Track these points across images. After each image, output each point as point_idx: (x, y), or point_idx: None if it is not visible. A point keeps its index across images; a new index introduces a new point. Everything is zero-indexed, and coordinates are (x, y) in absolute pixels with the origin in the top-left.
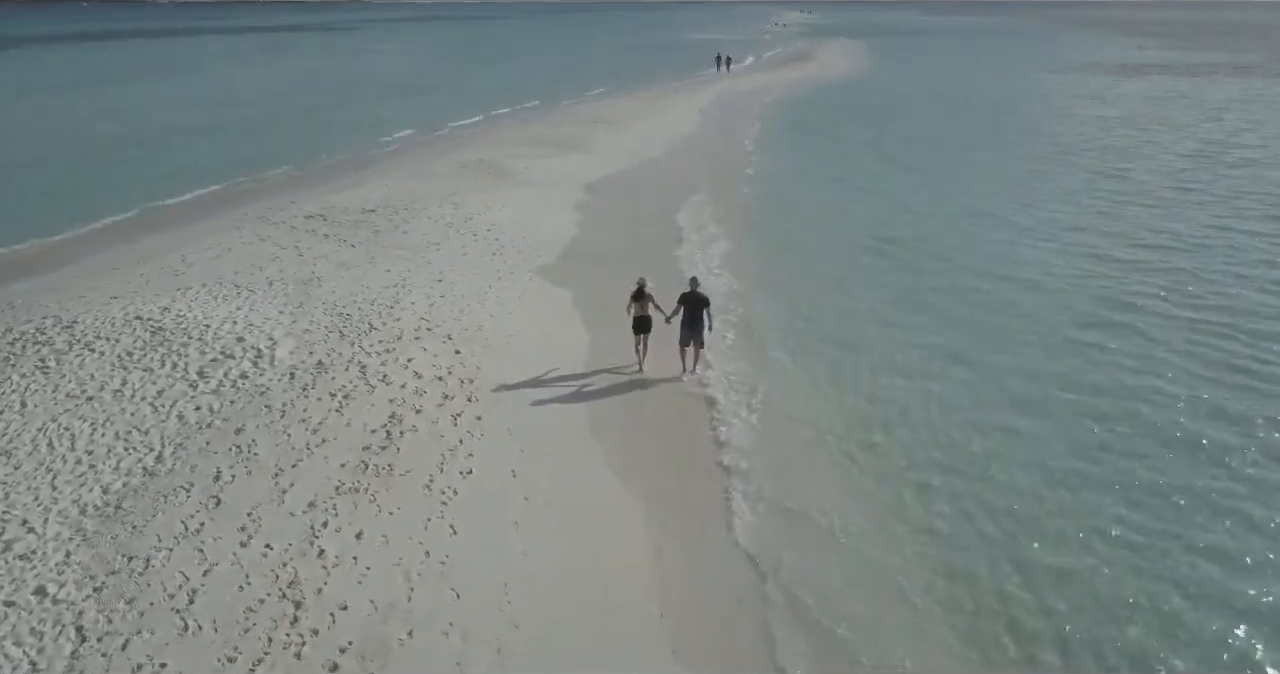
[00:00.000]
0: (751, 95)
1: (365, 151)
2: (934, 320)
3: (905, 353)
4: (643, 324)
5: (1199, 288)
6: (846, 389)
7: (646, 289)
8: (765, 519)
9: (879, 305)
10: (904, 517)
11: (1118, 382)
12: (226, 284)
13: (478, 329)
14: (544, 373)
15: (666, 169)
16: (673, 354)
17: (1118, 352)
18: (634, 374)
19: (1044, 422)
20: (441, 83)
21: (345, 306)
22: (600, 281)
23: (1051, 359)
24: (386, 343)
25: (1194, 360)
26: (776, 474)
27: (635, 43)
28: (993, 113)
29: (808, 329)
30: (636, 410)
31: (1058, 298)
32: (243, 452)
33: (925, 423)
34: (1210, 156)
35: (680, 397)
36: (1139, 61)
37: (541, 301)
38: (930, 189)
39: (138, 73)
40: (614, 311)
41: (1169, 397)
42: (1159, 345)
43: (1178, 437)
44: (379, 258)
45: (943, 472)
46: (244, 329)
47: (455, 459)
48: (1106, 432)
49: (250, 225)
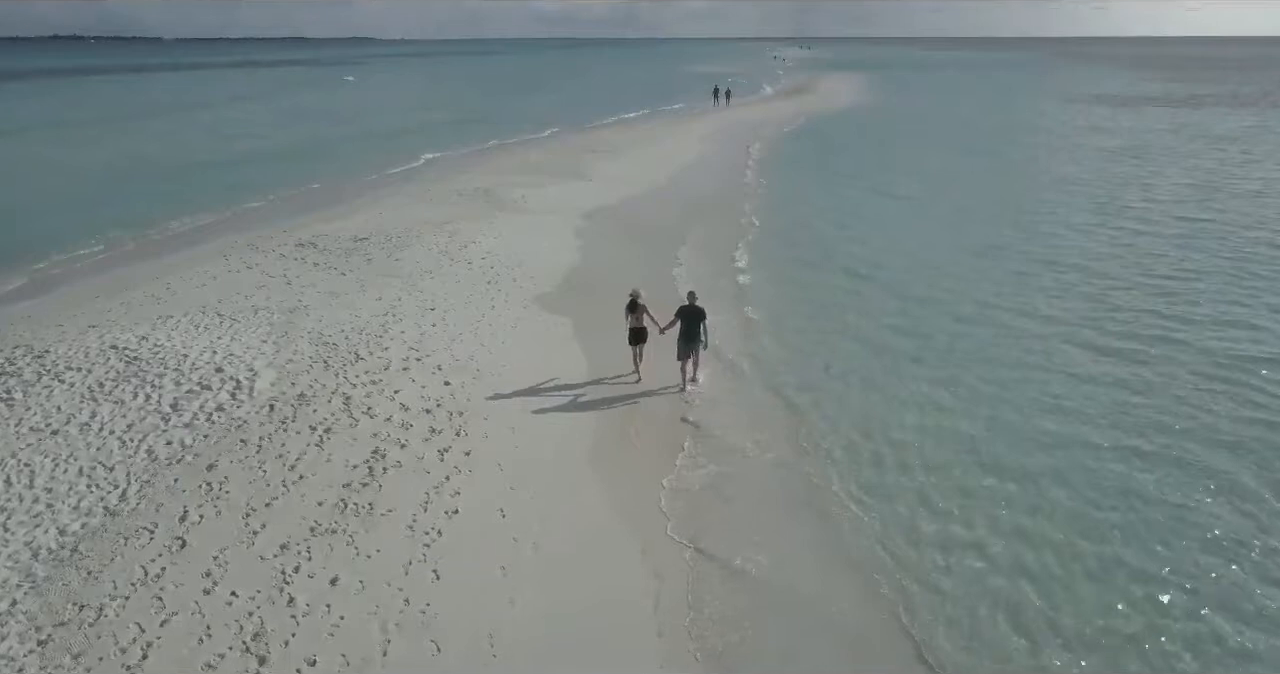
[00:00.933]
0: (752, 126)
1: (360, 180)
2: (934, 354)
3: (909, 387)
4: (638, 335)
5: (1204, 319)
6: (844, 422)
7: (640, 300)
8: (771, 571)
9: (880, 336)
10: (906, 558)
11: (1120, 415)
12: (209, 313)
13: (469, 359)
14: (538, 403)
15: (665, 199)
16: (669, 363)
17: (1117, 384)
18: (632, 384)
19: (1044, 457)
20: (440, 114)
21: (332, 336)
22: (597, 309)
23: (1048, 389)
24: (373, 374)
25: (1200, 393)
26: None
27: (635, 76)
28: (994, 143)
29: (810, 363)
30: (635, 435)
31: (1061, 330)
32: (213, 489)
33: (928, 462)
34: (1218, 187)
35: (678, 419)
36: (1140, 93)
37: (537, 330)
38: (932, 220)
39: (140, 106)
40: (612, 337)
41: (1174, 432)
42: (1162, 379)
43: (1189, 481)
44: (369, 286)
45: (939, 512)
46: (224, 359)
47: (440, 497)
48: (1105, 465)
49: (238, 253)
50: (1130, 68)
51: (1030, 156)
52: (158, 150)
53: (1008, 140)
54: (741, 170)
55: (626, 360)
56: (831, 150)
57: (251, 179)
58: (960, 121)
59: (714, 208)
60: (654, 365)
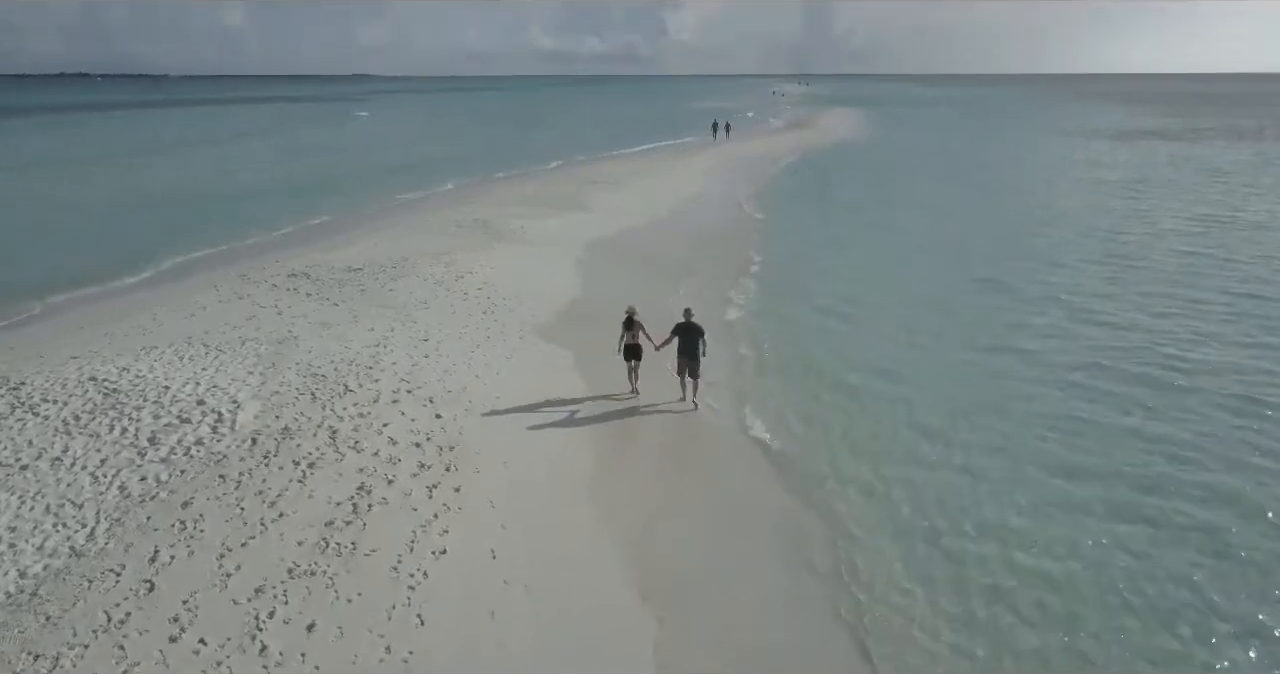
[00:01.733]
0: (752, 160)
1: (358, 211)
2: (931, 391)
3: (904, 427)
4: (633, 351)
5: (1211, 357)
6: (839, 459)
7: (636, 317)
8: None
9: (876, 371)
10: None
11: (1122, 459)
12: (195, 344)
13: (462, 391)
14: (532, 435)
15: (666, 232)
16: (665, 380)
17: (1120, 427)
18: (629, 404)
19: (1045, 507)
20: (443, 148)
21: (321, 367)
22: (595, 340)
23: (1049, 430)
24: (362, 406)
25: (1197, 433)
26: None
27: (635, 111)
28: (993, 177)
29: (805, 399)
30: (634, 463)
31: (1062, 367)
32: (187, 528)
33: (921, 509)
34: (1222, 220)
35: (676, 444)
36: (1137, 128)
37: (533, 361)
38: (930, 254)
39: (147, 142)
40: (611, 364)
41: (1177, 480)
42: (1162, 421)
43: (1192, 519)
44: (362, 317)
45: (932, 536)
46: (206, 391)
47: (428, 537)
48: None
49: (229, 284)
50: (1125, 103)
51: (1029, 190)
52: (161, 185)
53: (1006, 174)
54: (741, 204)
55: (623, 380)
56: (830, 184)
57: (253, 213)
58: (958, 155)
59: (713, 241)
60: (649, 383)
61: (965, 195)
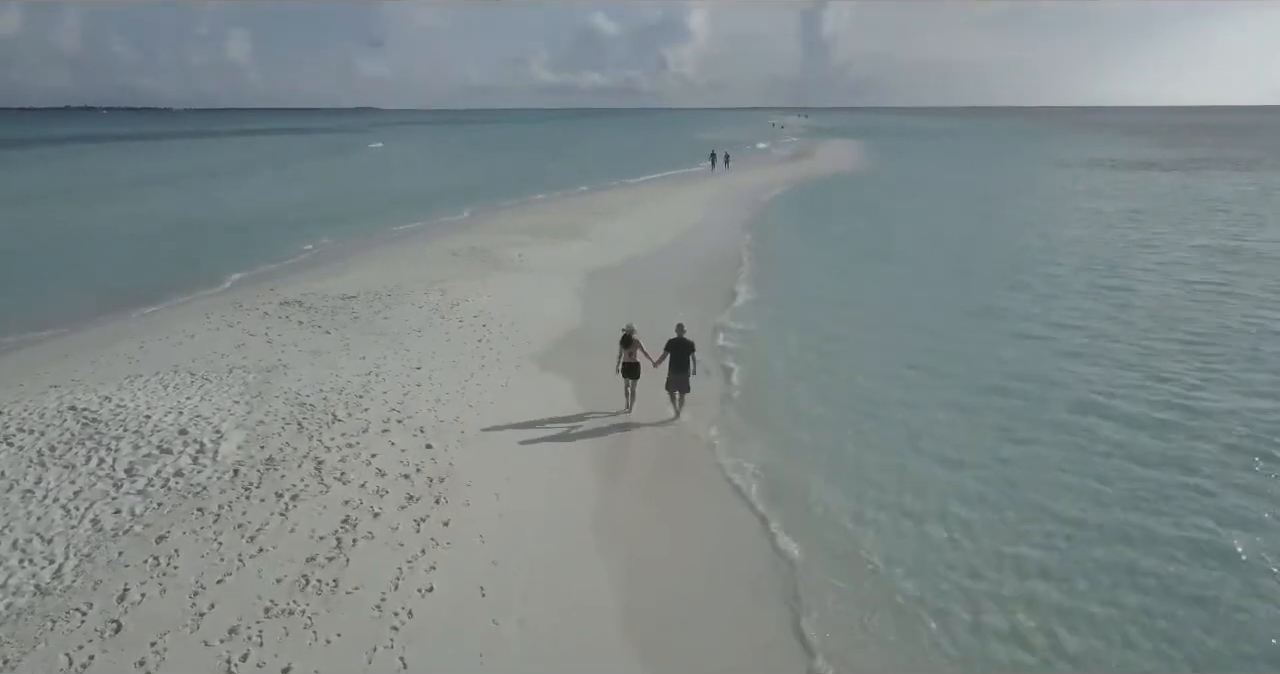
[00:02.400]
0: (753, 190)
1: (357, 240)
2: (929, 420)
3: (902, 456)
4: (631, 370)
5: (1219, 389)
6: (835, 497)
7: (634, 335)
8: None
9: (873, 404)
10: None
11: (1125, 495)
12: (181, 372)
13: (454, 420)
14: (525, 466)
15: (664, 261)
16: (658, 397)
17: (1127, 457)
18: (622, 421)
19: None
20: (449, 177)
21: (309, 396)
22: (589, 368)
23: (1051, 464)
24: (350, 436)
25: (1197, 469)
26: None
27: (636, 143)
28: (993, 206)
29: (804, 427)
30: (629, 495)
31: (1066, 400)
32: (160, 564)
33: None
34: (1225, 249)
35: (671, 469)
36: (1136, 158)
37: (528, 390)
38: (930, 284)
39: (149, 175)
40: (608, 390)
41: (1175, 515)
42: (1178, 457)
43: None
44: (354, 344)
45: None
46: (189, 421)
47: (414, 573)
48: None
49: (220, 312)
50: (1122, 134)
51: (1028, 220)
52: (163, 216)
53: (1005, 204)
54: (741, 233)
55: (619, 397)
56: (829, 214)
57: (256, 242)
58: (957, 185)
59: (712, 270)
60: (641, 401)
61: (964, 224)
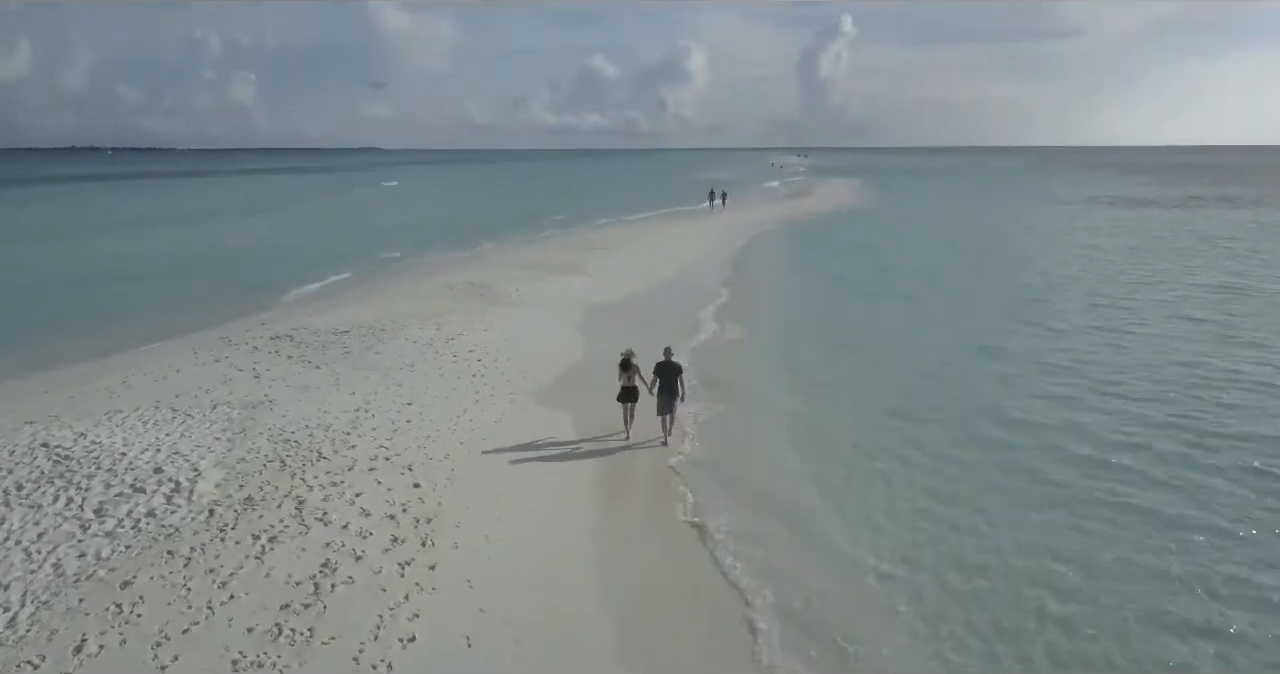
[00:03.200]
0: (752, 228)
1: (351, 275)
2: (918, 463)
3: (904, 501)
4: (629, 394)
5: (1231, 432)
6: (835, 537)
7: (633, 361)
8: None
9: (874, 445)
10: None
11: (1123, 537)
12: (163, 407)
13: (444, 458)
14: (517, 507)
15: (662, 298)
16: (651, 421)
17: (1131, 507)
18: (620, 448)
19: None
20: (438, 214)
21: (295, 433)
22: (583, 403)
23: (1038, 506)
24: (334, 474)
25: (1198, 515)
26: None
27: (635, 182)
28: (994, 244)
29: (800, 465)
30: (626, 537)
31: (1065, 450)
32: (123, 612)
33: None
34: (1230, 287)
35: (674, 497)
36: (1135, 196)
37: (523, 426)
38: (929, 321)
39: (154, 213)
40: (602, 415)
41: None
42: (1193, 507)
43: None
44: (344, 380)
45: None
46: (166, 458)
47: (395, 621)
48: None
49: (208, 347)
50: (1118, 173)
51: (1030, 257)
52: (166, 254)
53: (1007, 241)
54: (740, 270)
55: (617, 422)
56: (829, 251)
57: (252, 278)
58: (957, 223)
59: (709, 308)
60: (643, 427)
61: (964, 261)
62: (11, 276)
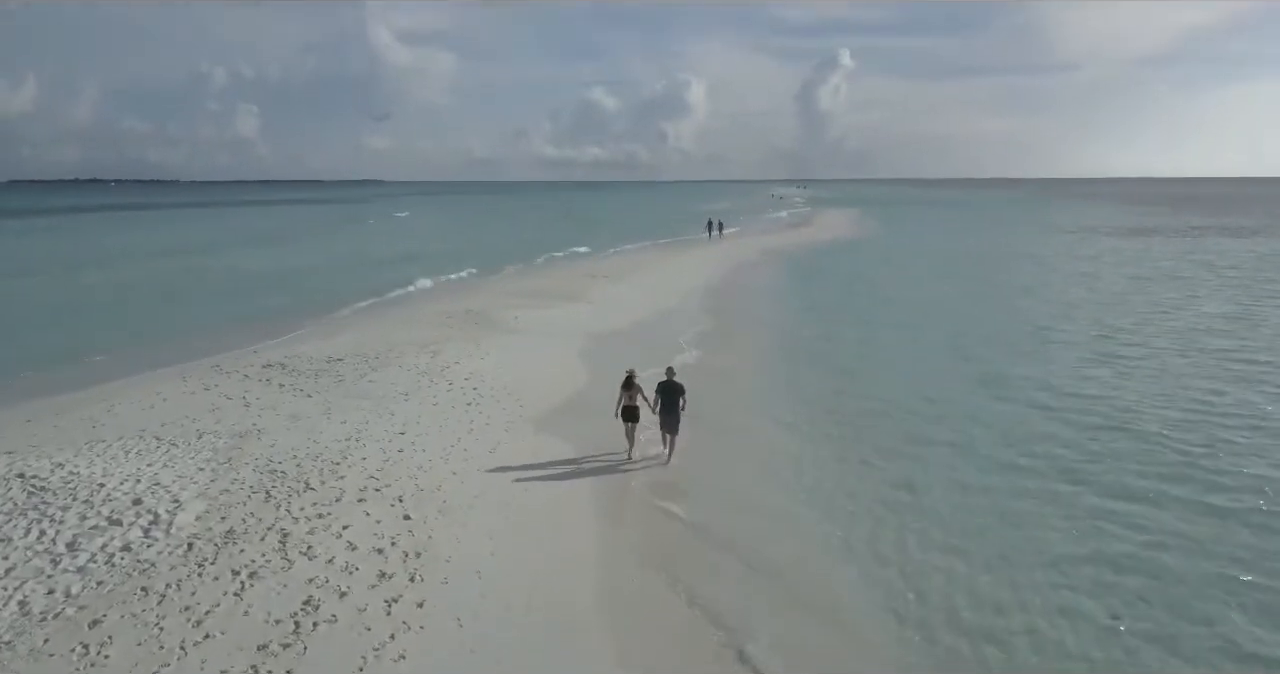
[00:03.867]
0: (754, 257)
1: (348, 303)
2: (924, 502)
3: (910, 525)
4: (631, 413)
5: (1247, 469)
6: (837, 575)
7: (636, 380)
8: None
9: (878, 473)
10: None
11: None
12: (147, 437)
13: (436, 489)
14: (510, 540)
15: (660, 327)
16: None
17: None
18: (622, 469)
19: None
20: (438, 243)
21: (282, 463)
22: (585, 431)
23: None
24: (321, 506)
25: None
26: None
27: (635, 213)
28: (998, 274)
29: (804, 500)
30: (637, 563)
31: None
32: (89, 654)
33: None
34: (1242, 319)
35: (668, 541)
36: (1137, 225)
37: (517, 455)
38: (932, 350)
39: (165, 244)
40: (595, 450)
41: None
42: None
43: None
44: (336, 408)
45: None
46: (146, 489)
47: (380, 663)
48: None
49: (199, 374)
50: (1119, 203)
51: (1036, 286)
52: (163, 279)
53: (1013, 270)
54: (740, 300)
55: (619, 448)
56: (829, 280)
57: (248, 307)
58: (959, 253)
59: (709, 338)
60: (643, 446)
61: (968, 289)
62: (5, 306)
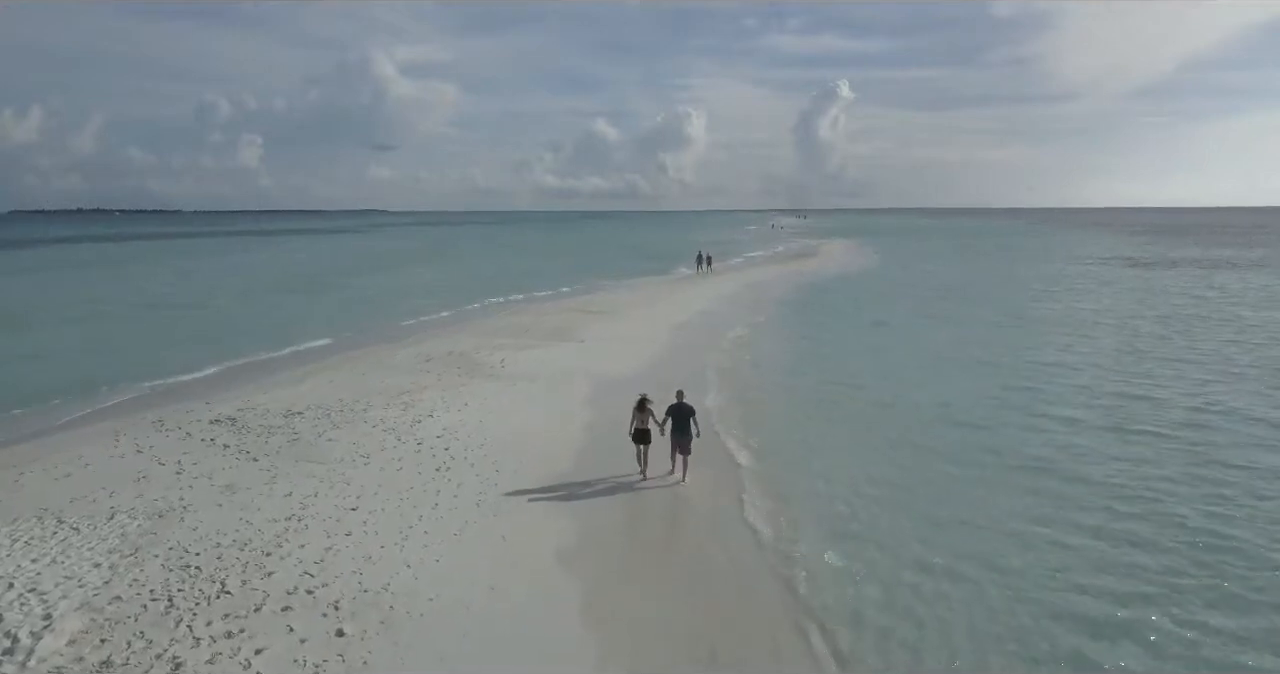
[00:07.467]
0: (755, 291)
1: (318, 343)
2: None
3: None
4: (643, 436)
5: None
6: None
7: (649, 403)
8: None
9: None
10: None
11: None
12: (47, 518)
13: (381, 590)
14: (467, 668)
15: (656, 367)
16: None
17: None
18: (632, 494)
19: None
20: (428, 275)
21: (200, 554)
22: (571, 506)
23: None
24: (234, 619)
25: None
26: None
27: (637, 243)
28: (1008, 302)
29: (825, 526)
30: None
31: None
32: None
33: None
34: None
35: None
36: (1152, 256)
37: (487, 541)
38: (954, 380)
39: (161, 276)
40: (587, 525)
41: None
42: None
43: None
44: (282, 476)
45: None
46: (16, 599)
47: None
48: None
49: (135, 433)
50: (1127, 233)
51: (1058, 319)
52: (140, 319)
53: (1030, 299)
54: (739, 334)
55: (632, 462)
56: (832, 312)
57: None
58: (965, 283)
59: (708, 373)
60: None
61: (982, 319)
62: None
